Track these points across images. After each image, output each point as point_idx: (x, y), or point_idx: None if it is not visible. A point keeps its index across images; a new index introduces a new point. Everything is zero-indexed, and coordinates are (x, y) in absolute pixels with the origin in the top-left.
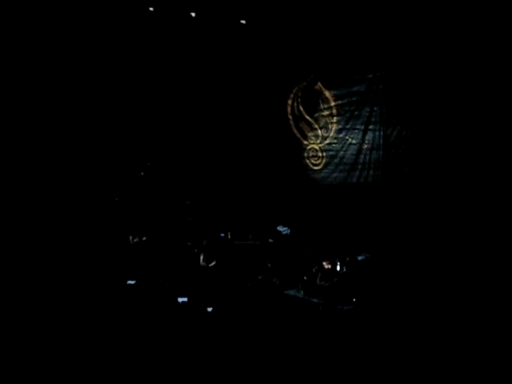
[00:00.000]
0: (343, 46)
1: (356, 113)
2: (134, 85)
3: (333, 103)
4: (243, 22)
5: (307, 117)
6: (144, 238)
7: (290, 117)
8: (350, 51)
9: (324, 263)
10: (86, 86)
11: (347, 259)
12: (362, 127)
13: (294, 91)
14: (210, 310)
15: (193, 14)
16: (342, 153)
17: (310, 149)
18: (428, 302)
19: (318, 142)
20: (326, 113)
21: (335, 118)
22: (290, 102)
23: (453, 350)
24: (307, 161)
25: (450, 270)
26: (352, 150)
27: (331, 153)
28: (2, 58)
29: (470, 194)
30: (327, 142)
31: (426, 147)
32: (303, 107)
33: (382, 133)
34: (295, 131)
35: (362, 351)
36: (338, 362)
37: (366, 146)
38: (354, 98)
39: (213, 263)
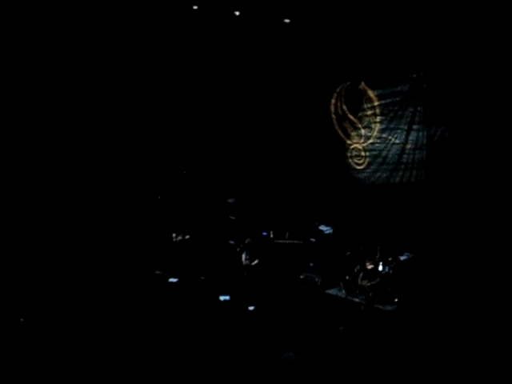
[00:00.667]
0: (387, 46)
1: (399, 113)
2: (174, 87)
3: (376, 103)
4: (287, 21)
5: (350, 116)
6: (187, 237)
7: (334, 116)
8: (393, 51)
9: (366, 263)
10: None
11: (389, 259)
12: (406, 127)
13: (338, 90)
14: (251, 308)
15: (237, 13)
16: (385, 152)
17: (353, 148)
18: (470, 303)
19: (361, 141)
20: (369, 112)
21: (378, 118)
22: (333, 101)
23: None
24: (350, 160)
25: (493, 271)
26: (395, 149)
27: (374, 152)
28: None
29: None
30: (370, 141)
31: (469, 147)
32: (347, 106)
33: (425, 133)
34: (338, 130)
35: (403, 351)
36: (378, 361)
37: (409, 146)
38: (398, 98)
39: (255, 262)
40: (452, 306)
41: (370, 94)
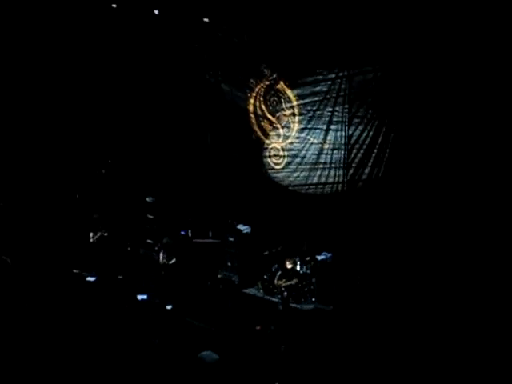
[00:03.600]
0: (305, 46)
1: (318, 113)
2: (92, 81)
3: (295, 103)
4: (206, 20)
5: (269, 116)
6: (105, 235)
7: (252, 115)
8: (312, 51)
9: (284, 262)
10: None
11: (307, 259)
12: (324, 127)
13: (257, 90)
14: (169, 307)
15: (156, 12)
16: (303, 152)
17: (271, 148)
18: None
19: (280, 141)
20: (288, 112)
21: (297, 118)
22: (252, 100)
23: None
24: (269, 160)
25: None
26: (313, 149)
27: (293, 152)
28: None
29: (431, 196)
30: (289, 141)
31: (388, 148)
32: (265, 106)
33: (343, 133)
34: (257, 130)
35: (320, 350)
36: (295, 360)
37: (327, 146)
38: (316, 98)
39: (173, 260)
40: (371, 307)
41: (289, 93)
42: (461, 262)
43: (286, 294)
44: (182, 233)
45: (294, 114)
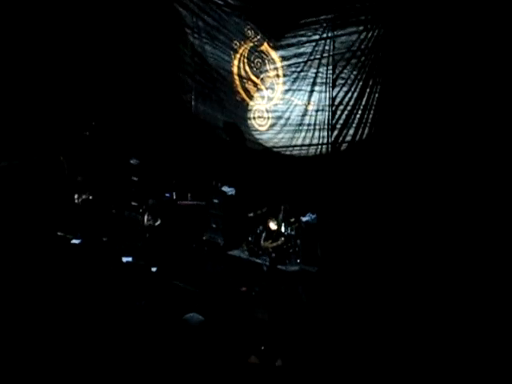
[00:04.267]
0: (290, 6)
1: (302, 74)
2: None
3: (279, 64)
4: None
5: (253, 77)
6: (89, 198)
7: (236, 77)
8: (296, 11)
9: (269, 224)
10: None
11: (292, 220)
12: (308, 88)
13: (241, 52)
14: (154, 269)
15: None
16: (287, 114)
17: (255, 109)
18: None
19: (264, 102)
20: (272, 74)
21: (281, 79)
22: (236, 62)
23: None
24: (253, 121)
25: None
26: (298, 111)
27: (277, 114)
28: None
29: (414, 159)
30: (273, 102)
31: (372, 108)
32: (249, 68)
33: (328, 94)
34: (241, 91)
35: (306, 312)
36: (279, 322)
37: (311, 108)
38: (301, 60)
39: (158, 222)
40: (354, 268)
41: (273, 55)
42: (445, 226)
43: (273, 255)
44: (167, 195)
45: (278, 76)
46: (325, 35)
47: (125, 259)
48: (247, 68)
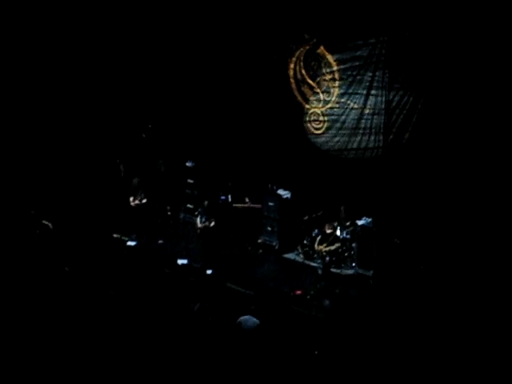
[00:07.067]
0: (346, 11)
1: (358, 77)
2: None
3: (335, 67)
4: None
5: (309, 81)
6: (145, 200)
7: (292, 80)
8: (353, 16)
9: (324, 227)
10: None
11: (347, 224)
12: (364, 92)
13: (297, 55)
14: (209, 272)
15: None
16: (343, 117)
17: (311, 113)
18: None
19: (320, 106)
20: (328, 77)
21: (337, 83)
22: (292, 65)
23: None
24: (309, 125)
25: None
26: (353, 114)
27: (333, 117)
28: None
29: (470, 162)
30: (329, 106)
31: (428, 114)
32: (305, 71)
33: (384, 98)
34: (297, 95)
35: (359, 317)
36: (334, 326)
37: (367, 111)
38: (357, 63)
39: (212, 224)
40: (410, 274)
41: (329, 58)
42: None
43: (327, 258)
44: (223, 197)
45: (334, 79)
46: (381, 39)
47: (180, 261)
48: (303, 71)
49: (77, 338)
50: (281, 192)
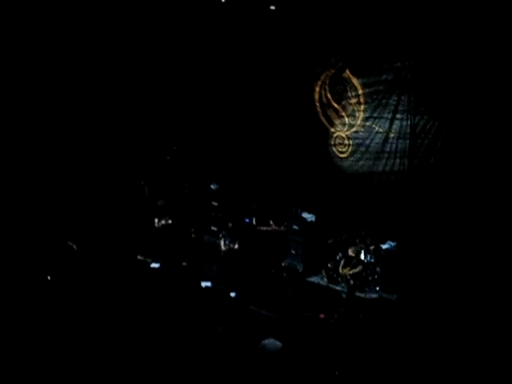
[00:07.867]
0: (372, 35)
1: (383, 101)
2: (158, 70)
3: (360, 91)
4: (273, 7)
5: (335, 104)
6: (169, 222)
7: (318, 104)
8: (378, 39)
9: (348, 251)
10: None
11: (372, 247)
12: (390, 116)
13: (322, 78)
14: (233, 295)
15: (223, 0)
16: (368, 141)
17: (336, 136)
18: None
19: (345, 129)
20: (353, 101)
21: (362, 106)
22: (317, 89)
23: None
24: (333, 148)
25: (474, 261)
26: (378, 138)
27: (358, 141)
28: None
29: (495, 188)
30: (354, 129)
31: (453, 138)
32: (331, 94)
33: (409, 122)
34: (322, 118)
35: (385, 340)
36: (359, 350)
37: (392, 135)
38: (382, 87)
39: (236, 247)
40: (436, 297)
41: (355, 82)
42: None
43: (352, 282)
44: (247, 220)
45: (359, 103)
46: (407, 63)
47: (204, 284)
48: (328, 95)
49: (100, 359)
50: (305, 215)
